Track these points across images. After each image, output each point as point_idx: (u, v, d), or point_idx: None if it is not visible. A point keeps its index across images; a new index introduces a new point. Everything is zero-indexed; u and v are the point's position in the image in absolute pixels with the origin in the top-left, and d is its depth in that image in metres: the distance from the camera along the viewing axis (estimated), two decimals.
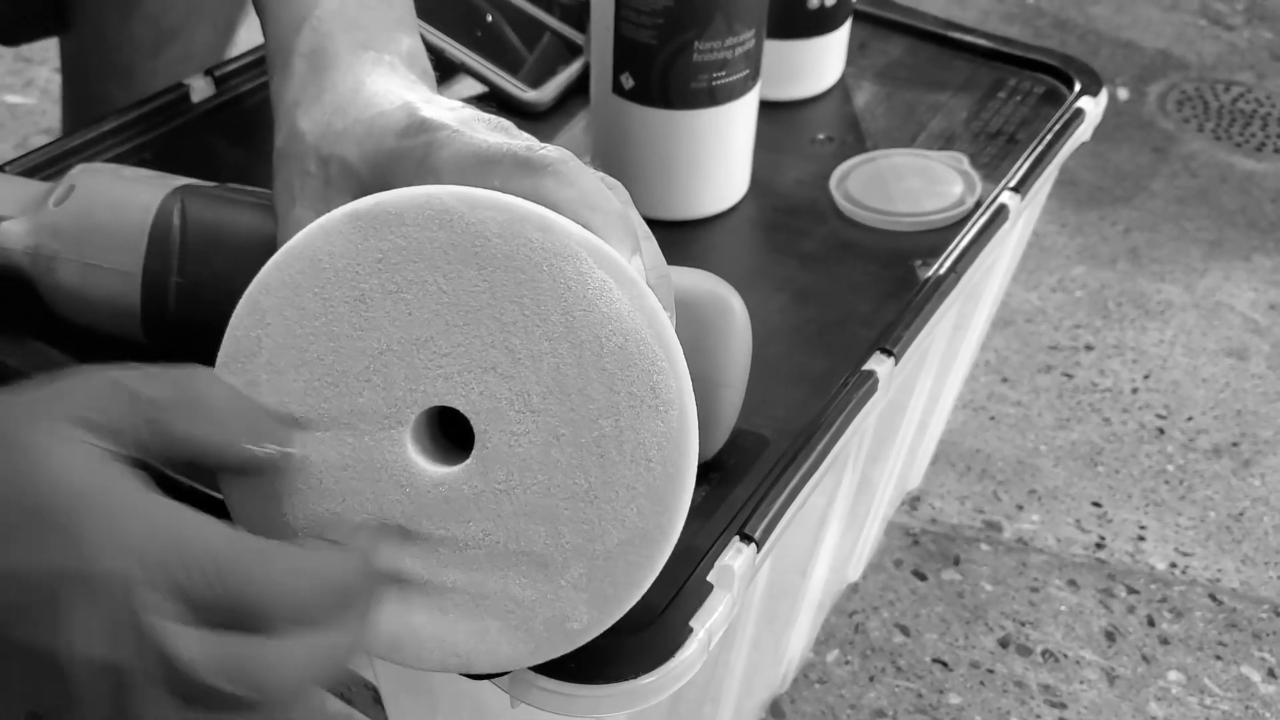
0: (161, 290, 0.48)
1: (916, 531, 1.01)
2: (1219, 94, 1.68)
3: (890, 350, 0.54)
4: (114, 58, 0.82)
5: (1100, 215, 1.42)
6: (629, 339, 0.36)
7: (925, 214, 0.65)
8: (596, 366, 0.36)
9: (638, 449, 0.37)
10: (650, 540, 0.37)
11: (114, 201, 0.49)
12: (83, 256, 0.49)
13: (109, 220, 0.49)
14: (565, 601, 0.37)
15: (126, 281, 0.48)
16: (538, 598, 0.38)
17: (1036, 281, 1.30)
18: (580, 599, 0.37)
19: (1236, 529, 1.03)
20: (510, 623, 0.38)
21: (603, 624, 0.38)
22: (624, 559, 0.37)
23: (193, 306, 0.49)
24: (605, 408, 0.36)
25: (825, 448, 0.49)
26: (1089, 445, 1.10)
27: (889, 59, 0.80)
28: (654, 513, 0.37)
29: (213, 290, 0.48)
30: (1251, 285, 1.32)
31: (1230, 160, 1.54)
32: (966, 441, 1.10)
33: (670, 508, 0.37)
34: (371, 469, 0.38)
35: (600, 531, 0.37)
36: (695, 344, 0.45)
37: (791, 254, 0.63)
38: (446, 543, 0.38)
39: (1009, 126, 0.73)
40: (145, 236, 0.48)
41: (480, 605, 0.38)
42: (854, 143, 0.72)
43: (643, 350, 0.36)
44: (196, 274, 0.48)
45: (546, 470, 0.37)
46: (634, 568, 0.37)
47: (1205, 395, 1.17)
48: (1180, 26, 1.86)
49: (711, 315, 0.47)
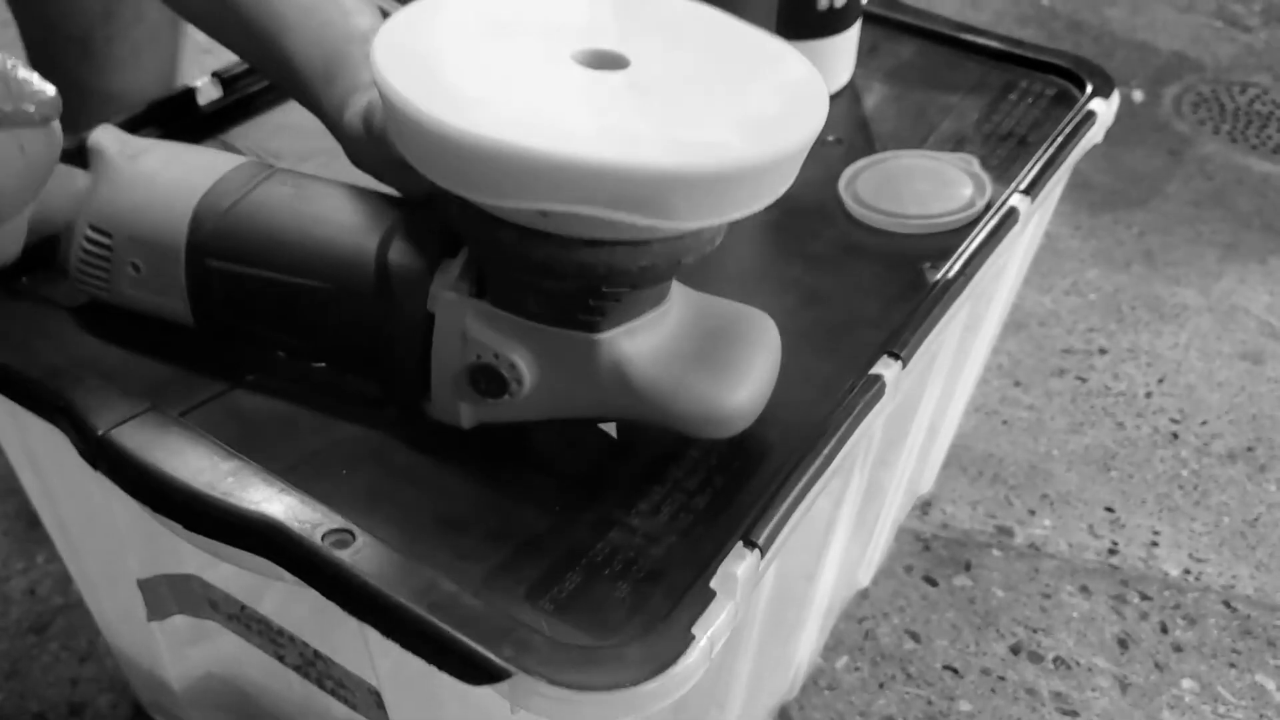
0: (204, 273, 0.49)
1: (927, 536, 1.00)
2: (1235, 96, 1.67)
3: (898, 354, 0.53)
4: (66, 27, 0.82)
5: (1114, 218, 1.41)
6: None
7: (934, 216, 0.64)
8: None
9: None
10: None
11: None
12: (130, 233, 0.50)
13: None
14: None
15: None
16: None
17: (1050, 284, 1.29)
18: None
19: (1251, 535, 1.02)
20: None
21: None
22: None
23: (237, 289, 0.49)
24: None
25: (831, 453, 0.48)
26: (1102, 450, 1.09)
27: (899, 60, 0.80)
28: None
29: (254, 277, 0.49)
30: (1267, 288, 1.31)
31: (1246, 162, 1.52)
32: (978, 445, 1.09)
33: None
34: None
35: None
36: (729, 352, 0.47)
37: (799, 255, 0.63)
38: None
39: (1020, 128, 0.72)
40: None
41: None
42: (863, 144, 0.72)
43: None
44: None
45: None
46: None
47: (1220, 399, 1.16)
48: (1196, 28, 1.85)
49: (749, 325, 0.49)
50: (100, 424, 0.47)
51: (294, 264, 0.49)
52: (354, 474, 0.48)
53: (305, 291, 0.49)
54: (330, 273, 0.48)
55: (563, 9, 0.48)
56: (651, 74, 0.44)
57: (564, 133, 0.40)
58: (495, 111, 0.40)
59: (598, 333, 0.46)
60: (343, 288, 0.48)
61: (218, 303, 0.51)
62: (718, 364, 0.47)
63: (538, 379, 0.46)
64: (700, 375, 0.46)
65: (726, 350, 0.48)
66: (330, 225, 0.49)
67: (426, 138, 0.41)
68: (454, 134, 0.40)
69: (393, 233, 0.48)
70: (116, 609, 0.71)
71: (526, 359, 0.46)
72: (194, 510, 0.44)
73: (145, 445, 0.46)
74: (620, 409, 0.47)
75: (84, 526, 0.65)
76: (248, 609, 0.58)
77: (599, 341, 0.46)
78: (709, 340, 0.48)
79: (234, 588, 0.58)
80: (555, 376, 0.47)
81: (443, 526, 0.45)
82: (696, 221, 0.41)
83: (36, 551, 0.94)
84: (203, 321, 0.51)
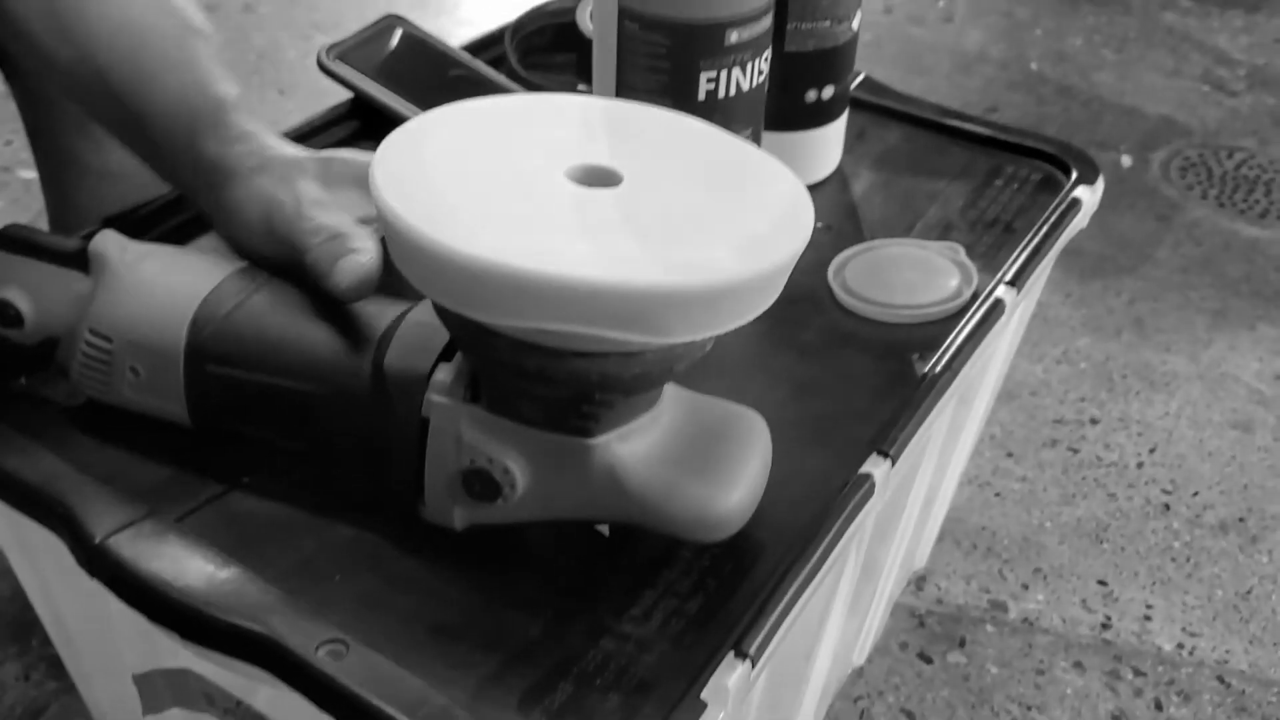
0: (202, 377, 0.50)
1: (922, 613, 1.00)
2: (1222, 160, 1.69)
3: (887, 452, 0.54)
4: (63, 102, 0.83)
5: (1105, 285, 1.42)
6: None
7: (922, 306, 0.65)
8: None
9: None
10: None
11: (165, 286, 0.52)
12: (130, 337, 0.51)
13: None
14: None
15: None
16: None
17: (1041, 354, 1.30)
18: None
19: (1244, 607, 1.02)
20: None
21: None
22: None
23: (235, 393, 0.50)
24: None
25: (822, 556, 0.49)
26: (1095, 521, 1.10)
27: (887, 146, 0.81)
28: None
29: (249, 380, 0.49)
30: (1256, 355, 1.32)
31: (1234, 227, 1.54)
32: (972, 518, 1.09)
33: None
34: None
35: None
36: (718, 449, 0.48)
37: (790, 345, 0.64)
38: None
39: (1006, 215, 0.74)
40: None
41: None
42: (852, 231, 0.73)
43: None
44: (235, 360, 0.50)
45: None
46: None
47: (1211, 469, 1.16)
48: (1183, 92, 1.87)
49: (740, 427, 0.50)
50: (98, 531, 0.47)
51: (291, 369, 0.49)
52: (348, 579, 0.48)
53: (302, 396, 0.49)
54: (327, 377, 0.49)
55: (555, 122, 0.49)
56: (643, 190, 0.45)
57: (558, 254, 0.41)
58: (491, 233, 0.41)
59: (591, 437, 0.46)
60: (339, 392, 0.49)
61: (216, 406, 0.51)
62: (710, 468, 0.47)
63: (531, 483, 0.47)
64: (693, 480, 0.47)
65: (719, 453, 0.48)
66: (326, 330, 0.50)
67: (424, 258, 0.41)
68: (451, 255, 0.40)
69: (388, 337, 0.49)
70: (111, 702, 0.71)
71: (520, 463, 0.47)
72: (190, 621, 0.45)
73: (142, 554, 0.46)
74: (613, 512, 0.48)
75: (80, 621, 0.65)
76: (243, 704, 0.58)
77: (592, 446, 0.46)
78: (701, 443, 0.49)
79: (229, 683, 0.58)
80: (549, 480, 0.47)
81: (435, 634, 0.46)
82: (689, 337, 0.42)
83: (30, 635, 0.94)
84: (201, 423, 0.52)
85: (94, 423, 0.54)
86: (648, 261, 0.41)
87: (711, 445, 0.48)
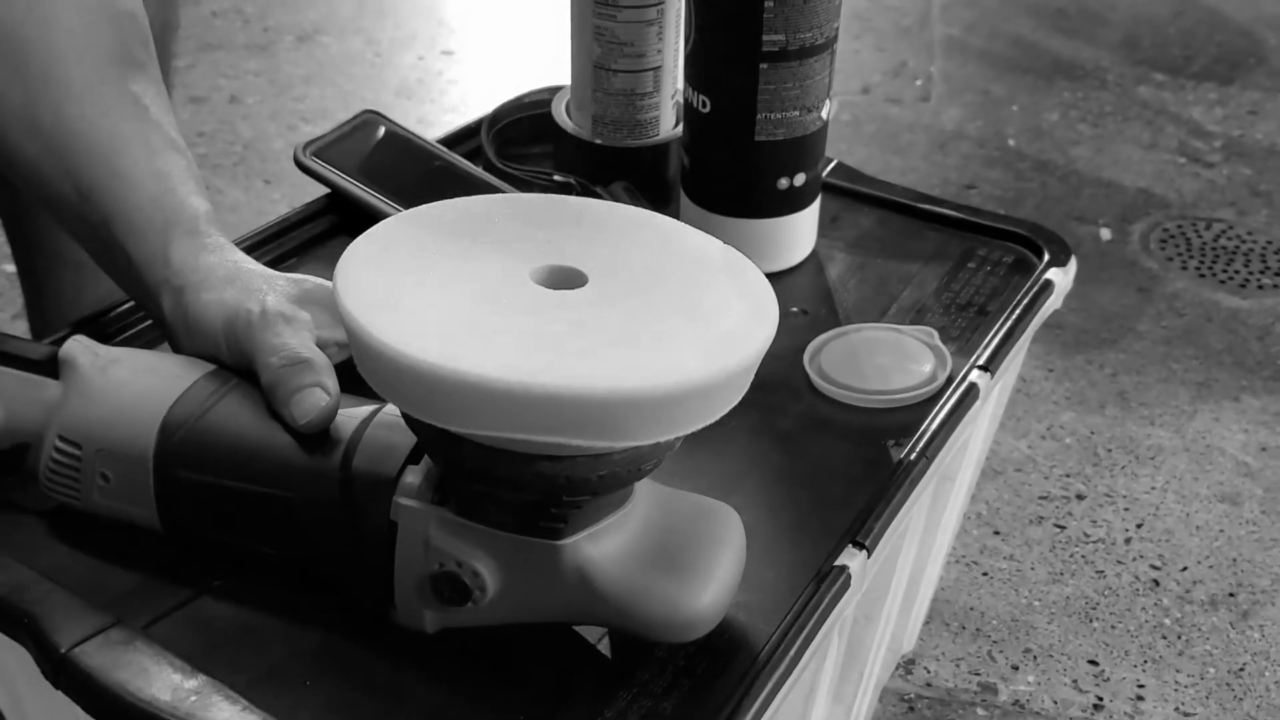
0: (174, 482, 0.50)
1: (911, 697, 0.99)
2: (1201, 231, 1.71)
3: (863, 544, 0.54)
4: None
5: (1087, 359, 1.43)
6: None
7: (896, 392, 0.65)
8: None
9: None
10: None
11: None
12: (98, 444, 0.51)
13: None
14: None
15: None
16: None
17: (1025, 429, 1.30)
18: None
19: (1237, 685, 1.01)
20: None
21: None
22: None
23: (205, 498, 0.50)
24: None
25: (798, 652, 0.48)
26: (1083, 600, 1.09)
27: (860, 230, 0.81)
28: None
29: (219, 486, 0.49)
30: (1241, 426, 1.32)
31: (1215, 298, 1.55)
32: (960, 598, 1.09)
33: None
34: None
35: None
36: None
37: (766, 431, 0.64)
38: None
39: (979, 297, 0.74)
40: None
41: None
42: (827, 315, 0.73)
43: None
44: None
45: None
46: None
47: (1199, 544, 1.16)
48: (1160, 165, 1.90)
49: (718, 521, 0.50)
50: (63, 642, 0.47)
51: (260, 474, 0.49)
52: (317, 685, 0.47)
53: (272, 501, 0.49)
54: (295, 483, 0.49)
55: (521, 223, 0.50)
56: (607, 290, 0.46)
57: (520, 362, 0.41)
58: (454, 341, 0.41)
59: (560, 539, 0.46)
60: (308, 497, 0.48)
61: (186, 511, 0.51)
62: (682, 567, 0.47)
63: (501, 586, 0.47)
64: (664, 580, 0.47)
65: (691, 551, 0.48)
66: (294, 434, 0.50)
67: (386, 366, 0.41)
68: (412, 364, 0.41)
69: (356, 441, 0.49)
70: None
71: (490, 567, 0.46)
72: None
73: (108, 665, 0.46)
74: (584, 614, 0.47)
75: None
76: None
77: (561, 548, 0.46)
78: (673, 541, 0.48)
79: None
80: (519, 583, 0.47)
81: None
82: (655, 439, 0.42)
83: None
84: (171, 529, 0.52)
85: (64, 528, 0.54)
86: (611, 365, 0.41)
87: (683, 544, 0.48)
